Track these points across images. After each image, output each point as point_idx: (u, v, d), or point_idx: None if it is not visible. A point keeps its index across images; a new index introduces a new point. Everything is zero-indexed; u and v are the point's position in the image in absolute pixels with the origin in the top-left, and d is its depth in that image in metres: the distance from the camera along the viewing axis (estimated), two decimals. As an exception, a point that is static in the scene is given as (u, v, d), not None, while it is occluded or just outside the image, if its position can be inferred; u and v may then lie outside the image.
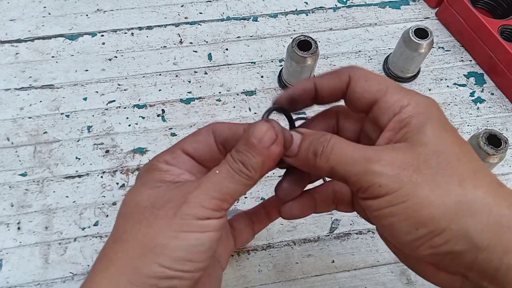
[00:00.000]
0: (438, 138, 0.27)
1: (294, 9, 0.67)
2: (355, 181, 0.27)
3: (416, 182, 0.26)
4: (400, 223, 0.27)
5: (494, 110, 0.60)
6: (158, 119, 0.57)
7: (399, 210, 0.26)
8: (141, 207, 0.29)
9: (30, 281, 0.47)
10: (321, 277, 0.48)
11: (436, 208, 0.26)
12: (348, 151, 0.28)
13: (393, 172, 0.26)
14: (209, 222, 0.28)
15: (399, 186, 0.26)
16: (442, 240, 0.26)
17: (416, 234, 0.26)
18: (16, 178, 0.52)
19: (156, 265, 0.27)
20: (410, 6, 0.68)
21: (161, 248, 0.27)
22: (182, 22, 0.65)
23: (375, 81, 0.29)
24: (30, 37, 0.63)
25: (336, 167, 0.28)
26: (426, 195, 0.26)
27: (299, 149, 0.29)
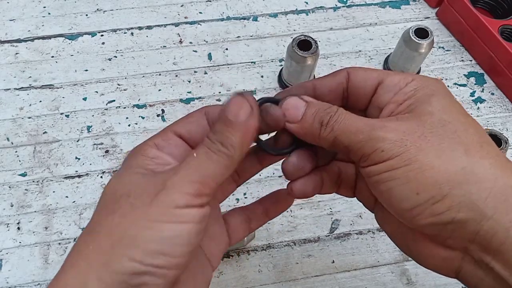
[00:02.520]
0: (444, 108, 0.27)
1: (294, 8, 0.67)
2: (358, 149, 0.27)
3: (420, 147, 0.25)
4: (401, 187, 0.25)
5: (494, 110, 0.60)
6: (158, 119, 0.57)
7: (400, 173, 0.25)
8: (117, 195, 0.27)
9: (30, 281, 0.47)
10: (321, 277, 0.48)
11: (439, 173, 0.25)
12: (353, 121, 0.27)
13: (397, 137, 0.26)
14: (188, 211, 0.25)
15: (402, 151, 0.25)
16: (444, 207, 0.25)
17: (417, 199, 0.25)
18: (16, 178, 0.52)
19: (126, 258, 0.24)
20: (410, 6, 0.68)
21: (132, 240, 0.25)
22: (182, 22, 0.65)
23: (374, 70, 0.29)
24: (29, 37, 0.63)
25: (340, 137, 0.27)
26: (430, 160, 0.25)
27: (303, 116, 0.28)
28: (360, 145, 0.26)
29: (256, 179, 0.53)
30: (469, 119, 0.27)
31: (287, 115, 0.29)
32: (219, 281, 0.47)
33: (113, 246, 0.25)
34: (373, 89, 0.29)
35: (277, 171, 0.54)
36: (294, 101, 0.29)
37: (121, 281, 0.24)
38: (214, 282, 0.47)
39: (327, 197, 0.52)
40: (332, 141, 0.27)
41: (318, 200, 0.52)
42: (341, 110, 0.28)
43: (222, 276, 0.48)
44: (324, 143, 0.28)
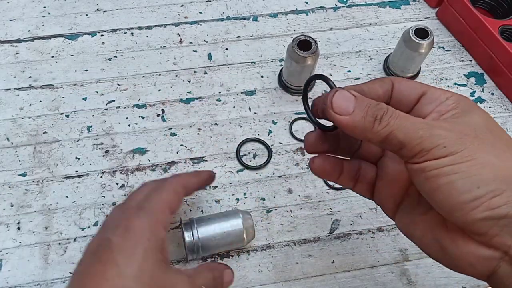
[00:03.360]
0: (487, 120, 0.29)
1: (294, 8, 0.67)
2: (417, 144, 0.27)
3: (478, 146, 0.27)
4: (463, 180, 0.26)
5: (494, 110, 0.60)
6: (158, 119, 0.57)
7: (462, 168, 0.26)
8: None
9: (30, 281, 0.47)
10: (321, 277, 0.48)
11: (499, 170, 0.26)
12: (409, 118, 0.28)
13: (456, 136, 0.27)
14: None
15: (463, 148, 0.27)
16: (502, 201, 0.26)
17: (477, 192, 0.26)
18: (16, 178, 0.52)
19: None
20: (410, 6, 0.68)
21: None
22: (182, 22, 0.65)
23: (416, 82, 0.32)
24: (30, 37, 0.63)
25: (396, 132, 0.28)
26: (489, 158, 0.27)
27: (355, 109, 0.28)
28: (420, 140, 0.27)
29: (256, 179, 0.53)
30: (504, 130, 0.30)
31: (336, 108, 0.29)
32: (219, 281, 0.47)
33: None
34: (417, 99, 0.31)
35: (277, 171, 0.54)
36: (343, 93, 0.29)
37: None
38: (214, 282, 0.47)
39: (327, 197, 0.52)
40: (386, 136, 0.28)
41: (318, 200, 0.52)
42: (392, 108, 0.29)
43: (222, 276, 0.48)
44: (375, 137, 0.28)
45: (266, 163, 0.54)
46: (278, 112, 0.58)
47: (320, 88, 0.60)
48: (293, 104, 0.59)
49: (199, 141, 0.55)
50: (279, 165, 0.54)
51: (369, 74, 0.62)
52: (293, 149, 0.55)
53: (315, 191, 0.53)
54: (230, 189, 0.52)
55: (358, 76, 0.61)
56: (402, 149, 0.28)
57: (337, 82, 0.61)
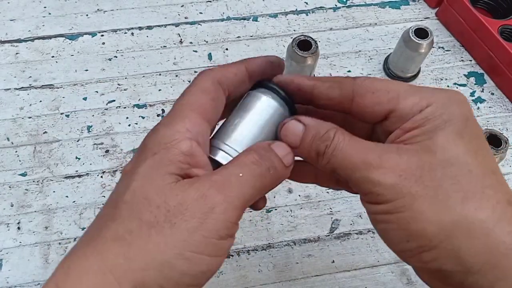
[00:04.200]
0: (449, 146, 0.25)
1: (294, 9, 0.67)
2: (355, 186, 0.27)
3: (416, 194, 0.25)
4: (393, 231, 0.26)
5: (494, 110, 0.60)
6: (158, 119, 0.57)
7: (393, 219, 0.26)
8: (153, 205, 0.24)
9: (30, 281, 0.47)
10: (321, 277, 0.48)
11: (431, 225, 0.25)
12: (349, 154, 0.26)
13: (393, 182, 0.25)
14: (224, 243, 0.25)
15: (397, 197, 0.25)
16: (431, 257, 0.25)
17: (406, 246, 0.26)
18: (16, 178, 0.52)
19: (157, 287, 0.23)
20: (410, 6, 0.68)
21: (169, 269, 0.23)
22: (182, 22, 0.65)
23: (383, 91, 0.27)
24: (30, 37, 0.63)
25: (338, 170, 0.27)
26: (423, 210, 0.25)
27: (301, 143, 0.28)
28: (357, 183, 0.26)
29: (256, 179, 0.53)
30: (478, 157, 0.25)
31: (287, 141, 0.28)
32: (219, 281, 0.47)
33: (146, 269, 0.23)
34: (384, 115, 0.27)
35: (277, 171, 0.54)
36: (292, 126, 0.28)
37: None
38: (214, 282, 0.47)
39: (327, 197, 0.52)
40: (331, 171, 0.27)
41: (318, 200, 0.52)
42: (337, 137, 0.27)
43: (222, 275, 0.48)
44: (325, 171, 0.28)
45: None
46: (278, 112, 0.58)
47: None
48: (293, 104, 0.59)
49: (199, 141, 0.55)
50: (279, 165, 0.54)
51: (369, 74, 0.62)
52: (293, 149, 0.55)
53: (315, 191, 0.53)
54: (230, 189, 0.52)
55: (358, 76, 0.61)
56: (350, 184, 0.27)
57: (337, 82, 0.61)
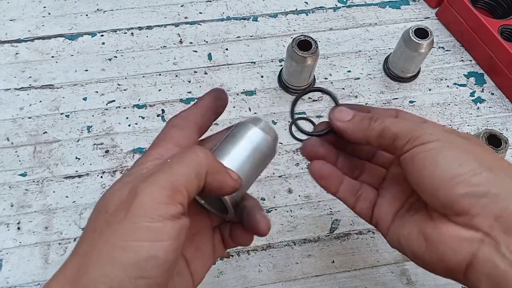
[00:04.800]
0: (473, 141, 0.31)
1: (294, 9, 0.67)
2: (408, 133, 0.31)
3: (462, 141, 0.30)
4: (445, 160, 0.29)
5: (494, 110, 0.60)
6: (158, 119, 0.57)
7: (446, 149, 0.29)
8: (95, 212, 0.25)
9: (30, 281, 0.47)
10: (321, 277, 0.48)
11: (478, 155, 0.29)
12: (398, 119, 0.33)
13: (443, 130, 0.31)
14: (162, 226, 0.24)
15: (447, 135, 0.30)
16: (482, 180, 0.28)
17: (459, 169, 0.28)
18: (16, 178, 0.52)
19: (102, 286, 0.23)
20: (410, 6, 0.68)
21: (109, 264, 0.23)
22: (182, 22, 0.65)
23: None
24: (30, 37, 0.63)
25: (390, 126, 0.31)
26: (470, 148, 0.29)
27: (353, 117, 0.33)
28: (411, 130, 0.31)
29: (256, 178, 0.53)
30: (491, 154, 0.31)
31: (338, 116, 0.34)
32: (219, 281, 0.47)
33: (87, 271, 0.24)
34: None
35: (277, 171, 0.54)
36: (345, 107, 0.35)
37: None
38: (214, 282, 0.47)
39: (327, 197, 0.52)
40: (381, 130, 0.32)
41: (318, 200, 0.52)
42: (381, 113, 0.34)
43: (222, 276, 0.48)
44: (372, 133, 0.32)
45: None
46: (278, 112, 0.58)
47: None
48: (293, 104, 0.59)
49: (199, 141, 0.55)
50: (279, 165, 0.54)
51: (369, 74, 0.62)
52: (293, 149, 0.55)
53: (315, 191, 0.53)
54: (230, 189, 0.52)
55: (358, 76, 0.61)
56: (395, 140, 0.31)
57: (337, 82, 0.61)
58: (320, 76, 0.61)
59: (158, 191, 0.24)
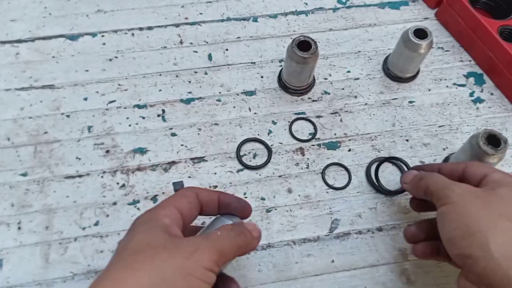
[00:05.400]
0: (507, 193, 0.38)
1: (294, 9, 0.67)
2: (437, 193, 0.40)
3: (471, 202, 0.37)
4: (447, 224, 0.38)
5: (493, 110, 0.60)
6: (158, 119, 0.57)
7: (450, 214, 0.38)
8: (152, 245, 0.33)
9: (30, 281, 0.47)
10: (321, 277, 0.48)
11: (473, 220, 0.36)
12: (440, 178, 0.41)
13: (461, 192, 0.39)
14: (210, 274, 0.33)
15: (459, 200, 0.38)
16: (467, 243, 0.35)
17: (453, 233, 0.37)
18: (16, 178, 0.52)
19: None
20: (410, 6, 0.68)
21: (171, 284, 0.31)
22: (182, 23, 0.65)
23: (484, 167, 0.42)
24: (30, 38, 0.63)
25: (430, 186, 0.41)
26: (471, 211, 0.37)
27: (414, 177, 0.45)
28: (440, 191, 0.40)
29: (256, 178, 0.53)
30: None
31: (403, 179, 0.46)
32: (219, 281, 0.47)
33: (154, 285, 0.31)
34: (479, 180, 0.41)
35: (277, 171, 0.54)
36: (411, 172, 0.46)
37: None
38: (214, 281, 0.47)
39: (327, 197, 0.52)
40: (425, 188, 0.42)
41: (318, 200, 0.52)
42: (432, 173, 0.43)
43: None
44: (420, 190, 0.43)
45: (266, 163, 0.54)
46: (278, 112, 0.58)
47: (319, 88, 0.60)
48: (292, 104, 0.59)
49: (199, 141, 0.56)
50: (279, 165, 0.54)
51: (368, 75, 0.62)
52: (293, 149, 0.56)
53: (315, 191, 0.53)
54: (230, 189, 0.52)
55: (357, 77, 0.62)
56: (433, 197, 0.40)
57: (336, 82, 0.61)
58: (320, 77, 0.61)
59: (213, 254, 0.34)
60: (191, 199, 0.38)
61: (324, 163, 0.55)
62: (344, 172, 0.54)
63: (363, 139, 0.57)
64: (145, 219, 0.36)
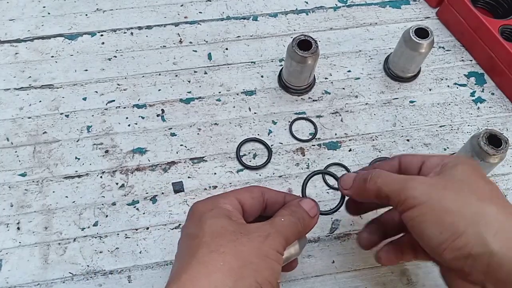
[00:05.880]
0: (467, 173, 0.35)
1: (294, 8, 0.67)
2: (396, 196, 0.36)
3: (442, 196, 0.34)
4: (429, 229, 0.34)
5: (494, 110, 0.60)
6: (157, 119, 0.57)
7: (427, 217, 0.34)
8: (229, 230, 0.35)
9: (29, 281, 0.47)
10: (321, 278, 0.48)
11: (456, 216, 0.33)
12: (391, 175, 0.37)
13: (424, 188, 0.35)
14: (280, 256, 0.35)
15: (428, 198, 0.34)
16: (462, 243, 0.32)
17: (441, 238, 0.33)
18: (15, 178, 0.52)
19: (253, 279, 0.33)
20: (411, 5, 0.68)
21: (257, 266, 0.33)
22: (181, 22, 0.65)
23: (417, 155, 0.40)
24: (29, 37, 0.62)
25: (382, 187, 0.37)
26: (449, 206, 0.33)
27: (354, 181, 0.40)
28: (397, 193, 0.36)
29: (256, 179, 0.53)
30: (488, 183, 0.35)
31: (342, 185, 0.41)
32: (219, 281, 0.47)
33: (243, 266, 0.33)
34: (419, 167, 0.39)
35: (277, 171, 0.54)
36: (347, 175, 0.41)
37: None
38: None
39: (327, 197, 0.52)
40: (376, 191, 0.37)
41: (318, 200, 0.52)
42: (378, 169, 0.38)
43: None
44: (370, 194, 0.38)
45: (266, 163, 0.54)
46: (278, 112, 0.58)
47: (320, 88, 0.60)
48: (293, 104, 0.59)
49: (199, 141, 0.55)
50: (279, 165, 0.54)
51: (369, 74, 0.62)
52: (293, 149, 0.55)
53: (315, 191, 0.53)
54: (230, 189, 0.52)
55: (358, 76, 0.61)
56: (389, 201, 0.37)
57: (337, 82, 0.61)
58: (320, 76, 0.61)
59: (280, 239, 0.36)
60: (254, 194, 0.39)
61: (325, 163, 0.54)
62: (345, 172, 0.54)
63: (364, 139, 0.56)
64: (207, 206, 0.37)
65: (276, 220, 0.37)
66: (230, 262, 0.33)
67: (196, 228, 0.35)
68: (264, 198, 0.40)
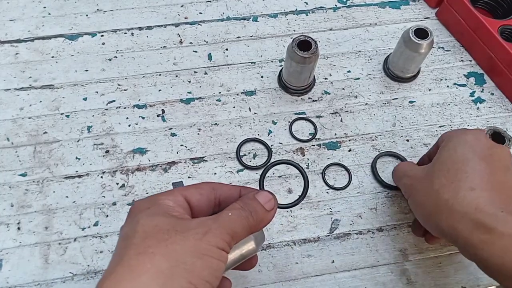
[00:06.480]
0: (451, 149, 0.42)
1: (294, 9, 0.67)
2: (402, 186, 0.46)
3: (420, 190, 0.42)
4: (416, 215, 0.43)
5: (494, 110, 0.60)
6: (158, 119, 0.57)
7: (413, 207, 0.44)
8: (162, 229, 0.32)
9: (30, 281, 0.47)
10: (321, 277, 0.48)
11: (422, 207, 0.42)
12: (399, 168, 0.49)
13: (411, 182, 0.44)
14: (223, 253, 0.33)
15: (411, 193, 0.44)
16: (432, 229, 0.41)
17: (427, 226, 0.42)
18: (16, 178, 0.52)
19: (185, 280, 0.30)
20: (410, 6, 0.68)
21: (191, 266, 0.31)
22: (182, 22, 0.65)
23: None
24: (30, 37, 0.63)
25: (394, 181, 0.50)
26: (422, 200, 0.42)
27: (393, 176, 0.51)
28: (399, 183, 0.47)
29: (256, 179, 0.53)
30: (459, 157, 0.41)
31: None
32: (219, 281, 0.47)
33: (173, 267, 0.31)
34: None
35: (277, 171, 0.54)
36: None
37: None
38: (214, 282, 0.47)
39: (327, 197, 0.52)
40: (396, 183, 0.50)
41: (318, 200, 0.52)
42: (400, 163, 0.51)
43: (222, 276, 0.47)
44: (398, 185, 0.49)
45: (266, 163, 0.54)
46: (278, 112, 0.58)
47: (320, 88, 0.60)
48: (293, 104, 0.59)
49: (199, 141, 0.55)
50: (278, 165, 0.54)
51: (369, 74, 0.62)
52: (293, 149, 0.55)
53: (315, 191, 0.53)
54: (230, 189, 0.52)
55: (358, 76, 0.61)
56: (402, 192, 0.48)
57: (337, 82, 0.61)
58: (320, 76, 0.61)
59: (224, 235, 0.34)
60: (203, 190, 0.37)
61: (324, 163, 0.54)
62: (345, 172, 0.54)
63: (364, 139, 0.56)
64: (145, 204, 0.35)
65: (222, 214, 0.35)
66: (159, 263, 0.31)
67: (129, 229, 0.34)
68: (216, 194, 0.38)
